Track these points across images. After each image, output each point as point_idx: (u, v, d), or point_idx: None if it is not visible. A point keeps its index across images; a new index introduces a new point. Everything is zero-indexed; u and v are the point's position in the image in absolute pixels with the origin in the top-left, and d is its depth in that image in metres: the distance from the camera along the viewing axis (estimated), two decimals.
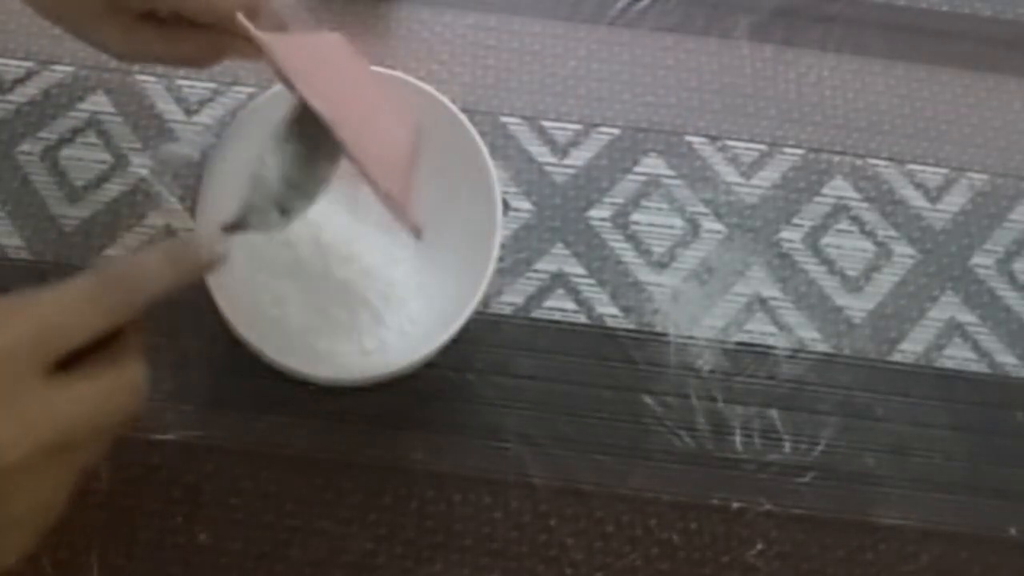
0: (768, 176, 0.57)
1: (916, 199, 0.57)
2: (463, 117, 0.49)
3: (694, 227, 0.55)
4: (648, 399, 0.51)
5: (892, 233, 0.56)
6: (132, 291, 0.35)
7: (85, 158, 0.54)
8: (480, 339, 0.51)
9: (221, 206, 0.48)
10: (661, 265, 0.54)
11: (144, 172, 0.54)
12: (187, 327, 0.49)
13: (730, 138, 0.57)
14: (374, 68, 0.50)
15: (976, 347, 0.53)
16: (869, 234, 0.56)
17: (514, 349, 0.51)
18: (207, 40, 0.43)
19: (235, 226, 0.41)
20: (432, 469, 0.49)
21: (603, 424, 0.50)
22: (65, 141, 0.54)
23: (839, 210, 0.56)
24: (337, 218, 0.51)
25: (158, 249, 0.36)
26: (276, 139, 0.42)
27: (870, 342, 0.53)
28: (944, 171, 0.57)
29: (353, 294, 0.49)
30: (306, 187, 0.42)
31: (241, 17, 0.41)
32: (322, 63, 0.43)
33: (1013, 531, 0.49)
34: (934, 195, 0.57)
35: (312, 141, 0.42)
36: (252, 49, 0.41)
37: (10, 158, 0.54)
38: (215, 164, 0.47)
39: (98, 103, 0.55)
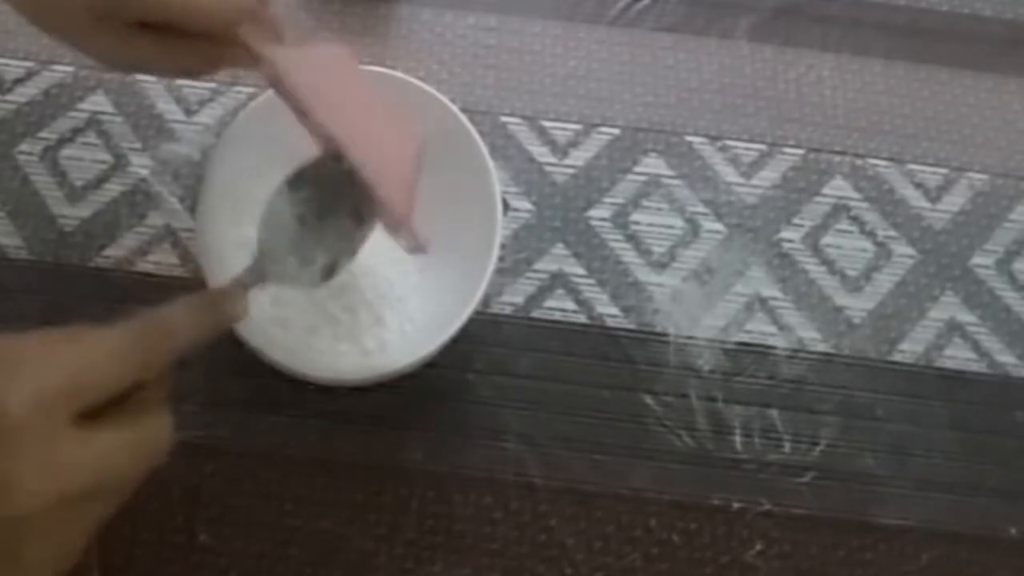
0: (768, 176, 0.57)
1: (916, 199, 0.57)
2: (463, 117, 0.49)
3: (694, 227, 0.55)
4: (648, 399, 0.51)
5: (892, 233, 0.56)
6: (161, 346, 0.35)
7: (85, 158, 0.54)
8: (480, 339, 0.51)
9: (221, 207, 0.48)
10: (661, 265, 0.54)
11: (144, 172, 0.54)
12: None
13: (730, 138, 0.57)
14: (374, 69, 0.50)
15: (976, 347, 0.53)
16: (869, 234, 0.56)
17: (514, 349, 0.51)
18: (203, 50, 0.41)
19: (253, 275, 0.40)
20: (432, 469, 0.49)
21: (603, 424, 0.50)
22: (65, 141, 0.54)
23: (839, 210, 0.56)
24: None
25: (185, 304, 0.36)
26: (289, 181, 0.42)
27: (870, 342, 0.53)
28: (944, 171, 0.57)
29: (353, 294, 0.49)
30: (325, 236, 0.42)
31: (244, 31, 0.39)
32: (327, 79, 0.42)
33: (1013, 531, 0.49)
34: (934, 195, 0.57)
35: (329, 188, 0.41)
36: (249, 58, 0.40)
37: (10, 158, 0.54)
38: (215, 164, 0.47)
39: (98, 103, 0.55)
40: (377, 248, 0.50)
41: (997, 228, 0.56)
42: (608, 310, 0.52)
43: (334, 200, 0.42)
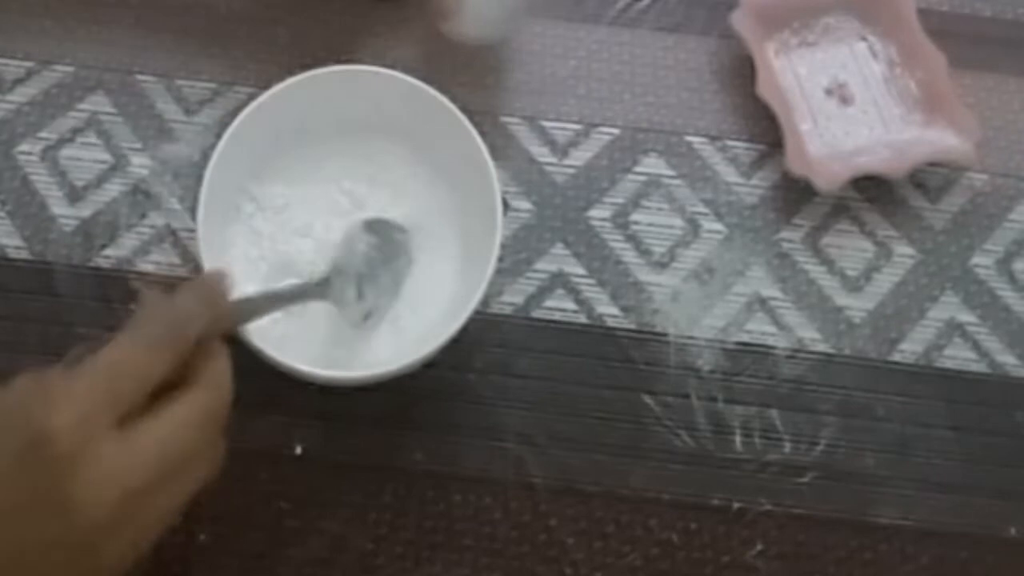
0: (768, 176, 0.56)
1: (916, 199, 0.57)
2: (463, 117, 0.49)
3: (694, 227, 0.55)
4: (648, 399, 0.51)
5: (892, 233, 0.56)
6: (180, 337, 0.37)
7: (85, 158, 0.54)
8: (480, 339, 0.51)
9: (221, 207, 0.48)
10: (661, 265, 0.54)
11: (144, 172, 0.54)
12: None
13: (730, 138, 0.57)
14: (374, 69, 0.50)
15: (976, 347, 0.53)
16: (869, 234, 0.56)
17: (514, 349, 0.51)
18: None
19: (319, 289, 0.46)
20: (432, 469, 0.49)
21: (603, 424, 0.50)
22: (65, 141, 0.54)
23: (839, 210, 0.56)
24: (338, 218, 0.51)
25: (190, 290, 0.39)
26: (367, 222, 0.49)
27: (870, 342, 0.53)
28: (944, 171, 0.57)
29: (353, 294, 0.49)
30: (379, 282, 0.48)
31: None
32: None
33: (1013, 531, 0.49)
34: (934, 195, 0.57)
35: (391, 243, 0.49)
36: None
37: (10, 158, 0.54)
38: (215, 164, 0.47)
39: (98, 103, 0.55)
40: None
41: (997, 228, 0.56)
42: (608, 310, 0.52)
43: (393, 255, 0.49)
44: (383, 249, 0.49)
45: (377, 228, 0.49)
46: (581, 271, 0.53)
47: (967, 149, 0.55)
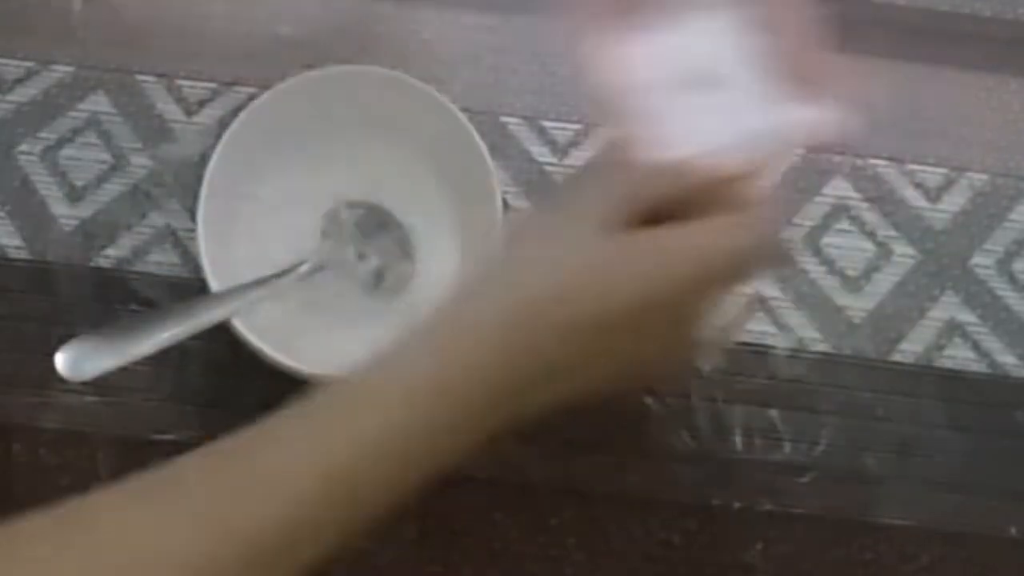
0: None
1: (916, 199, 0.57)
2: (463, 117, 0.49)
3: None
4: (648, 399, 0.51)
5: (892, 233, 0.56)
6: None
7: (85, 158, 0.54)
8: None
9: (221, 207, 0.48)
10: None
11: (144, 172, 0.54)
12: None
13: None
14: (375, 69, 0.50)
15: (976, 347, 0.53)
16: (869, 234, 0.55)
17: None
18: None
19: (317, 257, 0.48)
20: None
21: (603, 424, 0.50)
22: (65, 141, 0.54)
23: (839, 210, 0.56)
24: None
25: None
26: (349, 201, 0.51)
27: (870, 342, 0.53)
28: (944, 171, 0.57)
29: (353, 294, 0.49)
30: (378, 244, 0.50)
31: None
32: None
33: (1013, 531, 0.49)
34: (934, 195, 0.57)
35: (379, 213, 0.51)
36: None
37: (10, 158, 0.54)
38: (215, 164, 0.47)
39: (98, 103, 0.55)
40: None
41: (997, 228, 0.56)
42: None
43: (383, 223, 0.50)
44: (371, 216, 0.50)
45: (359, 204, 0.50)
46: None
47: (835, 126, 0.48)
